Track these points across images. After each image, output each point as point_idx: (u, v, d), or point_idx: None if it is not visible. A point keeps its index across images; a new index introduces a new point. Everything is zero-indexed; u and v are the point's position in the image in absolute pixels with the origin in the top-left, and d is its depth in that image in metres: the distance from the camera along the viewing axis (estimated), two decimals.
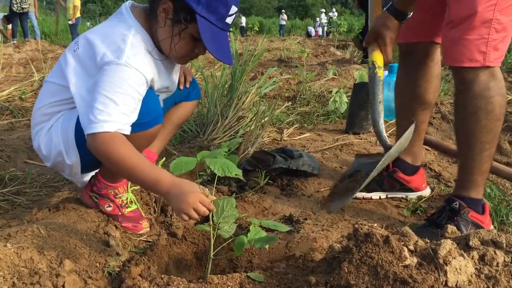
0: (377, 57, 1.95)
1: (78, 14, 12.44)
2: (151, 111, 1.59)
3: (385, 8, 1.96)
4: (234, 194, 2.15)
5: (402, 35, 2.02)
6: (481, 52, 1.62)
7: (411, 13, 1.89)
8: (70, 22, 12.80)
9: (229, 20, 1.54)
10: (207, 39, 1.50)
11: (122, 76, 1.45)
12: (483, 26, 1.60)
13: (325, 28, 27.18)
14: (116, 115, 1.42)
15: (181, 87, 1.94)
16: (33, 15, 12.52)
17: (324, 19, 28.63)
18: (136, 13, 1.59)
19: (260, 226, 1.46)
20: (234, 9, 1.53)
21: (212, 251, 1.35)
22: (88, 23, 21.90)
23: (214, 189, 1.61)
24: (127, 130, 1.46)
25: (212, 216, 1.37)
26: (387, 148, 1.96)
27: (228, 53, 1.60)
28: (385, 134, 1.97)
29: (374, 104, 1.95)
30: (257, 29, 29.55)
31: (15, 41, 10.62)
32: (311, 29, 28.45)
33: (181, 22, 1.51)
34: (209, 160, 1.30)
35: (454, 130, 1.83)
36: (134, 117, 1.49)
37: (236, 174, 1.29)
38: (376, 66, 1.93)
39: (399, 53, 2.17)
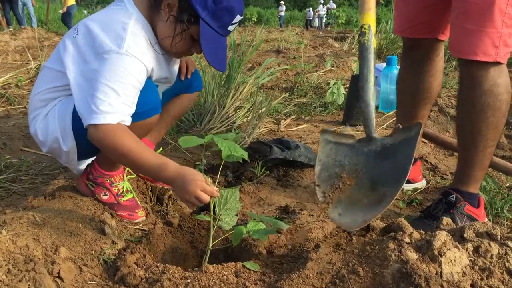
0: (372, 20, 1.61)
1: (70, 2, 12.14)
2: (149, 101, 1.58)
3: None
4: (231, 184, 2.15)
5: (405, 30, 1.99)
6: (495, 46, 1.57)
7: None
8: (60, 11, 12.60)
9: (231, 27, 1.55)
10: (206, 45, 1.51)
11: (123, 66, 1.43)
12: (499, 19, 1.54)
13: (324, 20, 27.07)
14: (118, 105, 1.41)
15: (182, 78, 1.92)
16: (29, 2, 12.40)
17: (322, 10, 28.48)
18: (136, 1, 1.57)
19: (261, 222, 1.46)
20: (238, 18, 1.53)
21: (211, 242, 1.35)
22: (85, 11, 21.75)
23: (217, 179, 1.59)
24: (128, 121, 1.45)
25: (214, 207, 1.37)
26: (371, 138, 1.61)
27: (224, 59, 1.62)
28: (374, 123, 1.61)
29: (367, 82, 1.57)
30: (255, 20, 29.40)
31: (11, 29, 10.52)
32: (310, 12, 28.26)
33: (184, 22, 1.51)
34: (217, 139, 1.36)
35: (457, 124, 1.76)
36: (134, 108, 1.49)
37: (241, 154, 1.35)
38: (372, 31, 1.58)
39: (402, 47, 2.11)
